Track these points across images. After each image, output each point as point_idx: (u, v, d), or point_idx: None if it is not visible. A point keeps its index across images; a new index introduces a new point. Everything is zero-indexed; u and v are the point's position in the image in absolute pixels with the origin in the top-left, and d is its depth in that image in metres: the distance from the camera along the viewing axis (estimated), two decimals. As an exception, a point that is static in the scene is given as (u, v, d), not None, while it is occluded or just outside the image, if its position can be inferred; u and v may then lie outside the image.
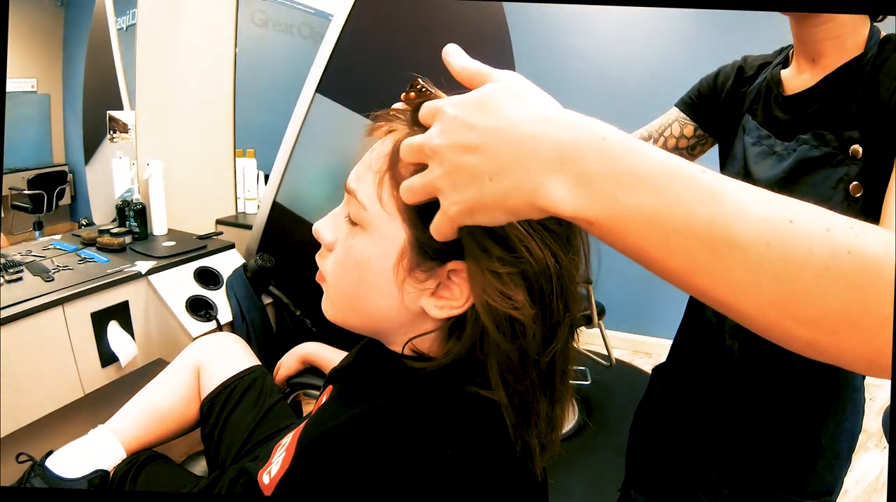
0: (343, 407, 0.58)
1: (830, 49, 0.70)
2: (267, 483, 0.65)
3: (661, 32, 2.88)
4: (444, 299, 0.53)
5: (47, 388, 1.41)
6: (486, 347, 0.52)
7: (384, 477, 0.50)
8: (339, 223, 0.58)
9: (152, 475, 0.93)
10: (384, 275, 0.54)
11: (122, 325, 1.57)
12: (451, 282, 0.53)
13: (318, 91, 1.82)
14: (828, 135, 0.69)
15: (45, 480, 0.89)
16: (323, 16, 2.65)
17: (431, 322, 0.55)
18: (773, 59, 0.82)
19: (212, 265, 1.81)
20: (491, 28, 1.92)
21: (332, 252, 0.59)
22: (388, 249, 0.53)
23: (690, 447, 0.86)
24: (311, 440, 0.60)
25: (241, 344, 1.15)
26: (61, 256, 1.71)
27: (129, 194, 1.90)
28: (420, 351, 0.57)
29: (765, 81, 0.80)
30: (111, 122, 1.97)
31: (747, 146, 0.78)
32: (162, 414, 1.02)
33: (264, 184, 2.36)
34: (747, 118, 0.80)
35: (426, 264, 0.52)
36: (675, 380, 0.90)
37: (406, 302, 0.54)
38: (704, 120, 0.90)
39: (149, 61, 1.95)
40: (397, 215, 0.52)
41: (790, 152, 0.72)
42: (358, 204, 0.54)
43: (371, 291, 0.55)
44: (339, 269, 0.57)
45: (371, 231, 0.54)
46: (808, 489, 0.78)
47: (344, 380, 0.66)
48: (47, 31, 2.91)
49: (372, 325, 0.59)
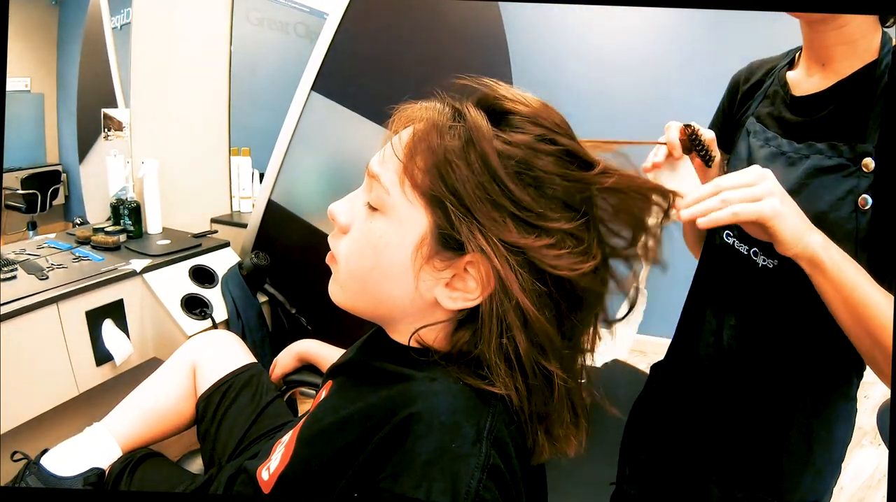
0: (345, 402, 0.58)
1: (842, 54, 0.70)
2: (266, 479, 0.65)
3: (658, 33, 2.88)
4: (458, 290, 0.53)
5: (42, 387, 1.41)
6: (502, 340, 0.52)
7: (385, 474, 0.49)
8: (357, 206, 0.58)
9: (148, 473, 0.93)
10: (401, 262, 0.53)
11: (117, 324, 1.56)
12: (466, 274, 0.53)
13: (314, 89, 1.82)
14: (842, 146, 0.69)
15: (41, 478, 0.89)
16: (318, 14, 2.65)
17: (442, 312, 0.55)
18: (779, 62, 0.81)
19: (207, 263, 1.80)
20: (487, 27, 1.93)
21: (346, 234, 0.58)
22: (409, 236, 0.53)
23: (684, 446, 0.86)
24: (313, 435, 0.60)
25: (237, 341, 1.14)
26: (56, 255, 1.70)
27: (124, 192, 1.89)
28: (425, 342, 0.56)
29: (772, 85, 0.80)
30: (106, 120, 1.96)
31: (754, 148, 0.78)
32: (158, 412, 1.02)
33: (259, 182, 2.35)
34: (752, 121, 0.80)
35: (445, 253, 0.52)
36: (673, 379, 0.90)
37: (421, 290, 0.54)
38: (728, 144, 0.87)
39: (144, 60, 1.94)
40: (420, 202, 0.52)
41: (801, 157, 0.72)
42: (381, 188, 0.54)
43: (385, 277, 0.55)
44: (353, 253, 0.57)
45: (391, 216, 0.54)
46: (795, 496, 0.78)
47: (346, 375, 0.65)
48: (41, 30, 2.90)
49: (381, 312, 0.58)
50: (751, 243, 0.76)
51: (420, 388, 0.53)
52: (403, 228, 0.53)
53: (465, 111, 0.53)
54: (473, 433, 0.49)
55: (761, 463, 0.78)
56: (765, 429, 0.77)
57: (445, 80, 0.56)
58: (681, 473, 0.85)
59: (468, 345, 0.54)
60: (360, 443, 0.52)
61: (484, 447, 0.49)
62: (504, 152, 0.51)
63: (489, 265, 0.51)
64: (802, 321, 0.72)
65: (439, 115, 0.54)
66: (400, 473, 0.48)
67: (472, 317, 0.54)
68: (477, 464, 0.48)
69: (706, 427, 0.83)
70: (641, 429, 0.94)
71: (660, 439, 0.90)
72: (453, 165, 0.51)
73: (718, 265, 0.82)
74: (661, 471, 0.88)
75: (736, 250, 0.78)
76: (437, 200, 0.52)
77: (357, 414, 0.55)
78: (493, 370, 0.52)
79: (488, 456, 0.48)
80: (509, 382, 0.52)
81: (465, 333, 0.55)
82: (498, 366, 0.52)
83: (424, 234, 0.52)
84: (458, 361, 0.54)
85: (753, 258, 0.76)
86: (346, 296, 0.59)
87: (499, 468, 0.49)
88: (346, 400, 0.59)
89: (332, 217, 0.59)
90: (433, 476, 0.47)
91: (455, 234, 0.51)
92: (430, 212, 0.52)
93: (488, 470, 0.48)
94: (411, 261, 0.53)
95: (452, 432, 0.49)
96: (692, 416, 0.85)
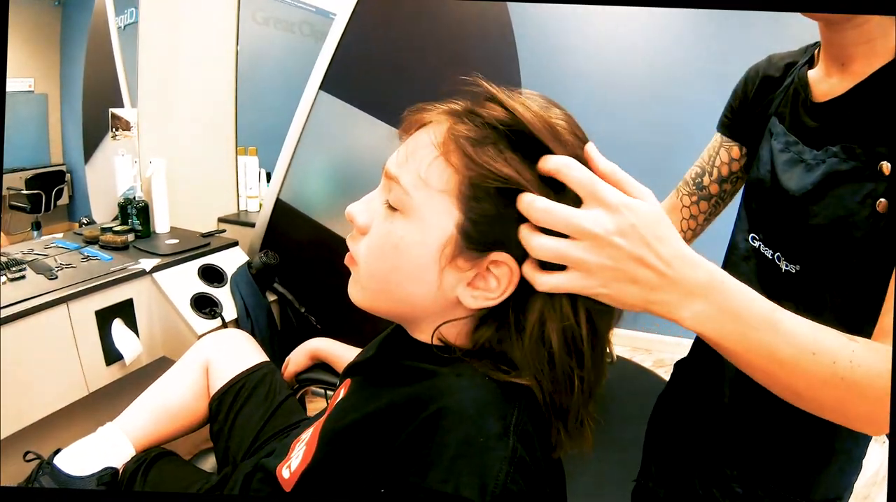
0: (368, 400, 0.58)
1: (860, 54, 0.68)
2: (287, 477, 0.65)
3: (664, 32, 2.88)
4: (480, 289, 0.53)
5: (51, 387, 1.40)
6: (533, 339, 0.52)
7: (413, 469, 0.49)
8: (375, 207, 0.57)
9: (162, 472, 0.92)
10: (423, 262, 0.53)
11: (127, 323, 1.56)
12: (488, 274, 0.52)
13: (322, 88, 1.82)
14: (857, 149, 0.67)
15: (54, 478, 0.88)
16: (324, 14, 2.64)
17: (463, 310, 0.54)
18: (799, 58, 0.80)
19: (216, 262, 1.80)
20: (495, 25, 1.92)
21: (365, 235, 0.57)
22: (432, 236, 0.52)
23: (707, 443, 0.85)
24: (337, 432, 0.59)
25: (250, 340, 1.14)
26: (64, 254, 1.70)
27: (132, 192, 1.89)
28: (447, 340, 0.56)
29: (792, 84, 0.78)
30: (113, 120, 1.96)
31: (775, 152, 0.76)
32: (171, 412, 1.02)
33: (266, 182, 2.35)
34: (774, 121, 0.79)
35: (470, 253, 0.52)
36: (696, 376, 0.89)
37: (443, 289, 0.53)
38: (745, 136, 0.86)
39: (150, 59, 1.94)
40: (446, 203, 0.52)
41: (819, 162, 0.71)
42: (400, 189, 0.53)
43: (407, 278, 0.54)
44: (374, 254, 0.56)
45: (413, 217, 0.53)
46: (817, 493, 0.77)
47: (366, 373, 0.65)
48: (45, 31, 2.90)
49: (402, 311, 0.58)
50: (775, 247, 0.75)
51: (446, 383, 0.53)
52: (426, 229, 0.53)
53: (486, 115, 0.52)
54: (500, 427, 0.49)
55: (783, 462, 0.78)
56: (787, 428, 0.77)
57: (452, 81, 0.56)
58: (703, 470, 0.84)
59: (491, 341, 0.54)
60: (386, 440, 0.52)
61: (511, 440, 0.49)
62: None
63: (515, 265, 0.51)
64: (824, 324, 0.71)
65: (461, 117, 0.53)
66: (428, 468, 0.48)
67: (493, 313, 0.54)
68: (504, 458, 0.47)
69: (728, 424, 0.82)
70: (665, 426, 0.93)
71: (683, 436, 0.89)
72: (482, 168, 0.50)
73: (743, 267, 0.81)
74: (684, 469, 0.87)
75: (762, 253, 0.78)
76: (468, 200, 0.51)
77: (382, 411, 0.55)
78: (521, 366, 0.52)
79: (515, 449, 0.48)
80: (534, 378, 0.52)
81: (487, 330, 0.55)
82: (527, 364, 0.52)
83: (450, 234, 0.52)
84: (481, 357, 0.54)
85: (777, 263, 0.75)
86: (366, 296, 0.58)
87: (525, 461, 0.49)
88: (368, 398, 0.59)
89: (351, 218, 0.58)
90: (461, 470, 0.47)
91: (484, 235, 0.51)
92: (460, 212, 0.52)
93: (516, 464, 0.48)
94: (435, 261, 0.53)
95: (480, 426, 0.49)
96: (714, 413, 0.84)
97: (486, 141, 0.51)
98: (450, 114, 0.54)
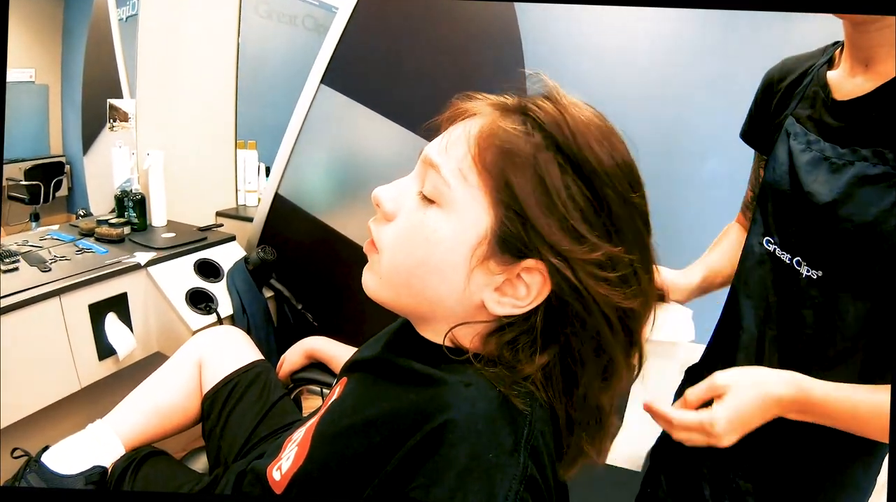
0: (368, 402, 0.55)
1: (886, 55, 0.67)
2: (278, 479, 0.62)
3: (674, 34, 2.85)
4: (508, 296, 0.50)
5: (43, 381, 1.38)
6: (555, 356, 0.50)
7: (415, 482, 0.46)
8: (406, 194, 0.54)
9: (152, 472, 0.90)
10: (453, 260, 0.50)
11: (121, 317, 1.54)
12: (518, 280, 0.50)
13: (323, 82, 1.80)
14: (888, 153, 0.66)
15: (41, 476, 0.86)
16: (327, 8, 2.62)
17: (485, 315, 0.52)
18: (817, 59, 0.79)
19: (212, 257, 1.78)
20: (499, 21, 1.90)
21: (391, 222, 0.54)
22: (466, 233, 0.50)
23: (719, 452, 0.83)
24: (331, 434, 0.57)
25: (244, 337, 1.12)
26: (59, 246, 1.67)
27: (129, 184, 1.87)
28: (459, 342, 0.53)
29: (811, 85, 0.77)
30: (111, 111, 1.94)
31: (795, 153, 0.74)
32: (162, 410, 0.99)
33: (265, 176, 2.33)
34: (791, 121, 0.77)
35: (503, 257, 0.49)
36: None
37: (469, 291, 0.51)
38: (764, 143, 0.85)
39: (151, 51, 1.93)
40: (486, 200, 0.49)
41: (846, 164, 0.69)
42: (440, 179, 0.51)
43: (433, 274, 0.51)
44: (400, 244, 0.53)
45: (449, 210, 0.50)
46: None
47: (366, 372, 0.62)
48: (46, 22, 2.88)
49: (419, 309, 0.55)
50: (794, 252, 0.73)
51: (454, 394, 0.50)
52: (462, 225, 0.50)
53: (536, 113, 0.50)
54: (511, 442, 0.47)
55: (798, 478, 0.76)
56: (802, 444, 0.75)
57: (511, 75, 0.54)
58: (714, 481, 0.82)
59: (507, 350, 0.51)
60: (386, 448, 0.50)
61: (522, 457, 0.46)
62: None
63: (548, 275, 0.48)
64: (847, 335, 0.69)
65: (508, 113, 0.51)
66: (432, 483, 0.45)
67: (514, 322, 0.51)
68: (515, 475, 0.45)
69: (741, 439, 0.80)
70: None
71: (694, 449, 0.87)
72: (529, 171, 0.48)
73: (757, 271, 0.79)
74: (694, 478, 0.85)
75: (778, 258, 0.76)
76: (505, 202, 0.48)
77: (383, 417, 0.52)
78: (536, 381, 0.50)
79: (526, 466, 0.46)
80: (545, 393, 0.50)
81: (503, 337, 0.52)
82: (543, 380, 0.50)
83: (486, 234, 0.49)
84: (493, 364, 0.51)
85: (797, 268, 0.73)
86: (383, 288, 0.55)
87: (535, 479, 0.46)
88: (368, 400, 0.56)
89: (377, 202, 0.55)
90: (469, 486, 0.44)
91: (520, 240, 0.48)
92: (496, 213, 0.49)
93: (526, 481, 0.45)
94: (465, 260, 0.50)
95: (489, 441, 0.46)
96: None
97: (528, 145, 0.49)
98: (497, 108, 0.52)
